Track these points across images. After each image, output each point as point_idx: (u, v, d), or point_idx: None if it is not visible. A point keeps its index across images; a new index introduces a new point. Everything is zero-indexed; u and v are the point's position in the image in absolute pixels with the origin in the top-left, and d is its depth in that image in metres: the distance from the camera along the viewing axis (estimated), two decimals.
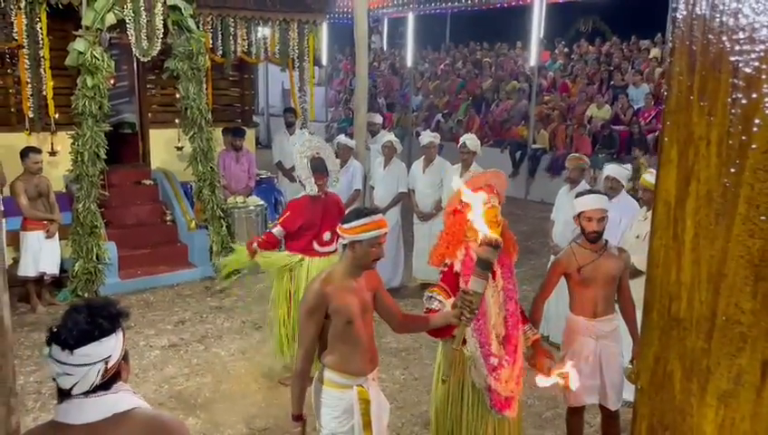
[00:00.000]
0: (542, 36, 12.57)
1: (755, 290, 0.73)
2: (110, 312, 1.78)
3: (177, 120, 8.03)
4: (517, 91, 13.76)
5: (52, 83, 7.01)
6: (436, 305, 3.21)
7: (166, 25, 6.91)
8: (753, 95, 0.72)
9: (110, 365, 1.74)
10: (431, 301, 3.25)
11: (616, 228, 4.80)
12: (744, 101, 0.72)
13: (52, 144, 7.25)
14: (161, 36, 6.88)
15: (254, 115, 10.12)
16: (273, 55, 8.77)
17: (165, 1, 6.84)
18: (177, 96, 7.56)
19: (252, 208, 7.97)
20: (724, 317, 0.76)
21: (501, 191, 3.28)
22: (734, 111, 0.73)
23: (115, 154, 7.55)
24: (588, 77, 13.53)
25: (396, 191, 7.06)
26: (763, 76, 0.71)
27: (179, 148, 8.21)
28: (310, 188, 4.78)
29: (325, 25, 9.62)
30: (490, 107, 14.10)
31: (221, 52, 8.22)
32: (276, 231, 4.88)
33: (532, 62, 13.09)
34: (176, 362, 5.49)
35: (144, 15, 6.72)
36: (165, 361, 5.50)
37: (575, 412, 3.94)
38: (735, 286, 0.75)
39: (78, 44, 6.45)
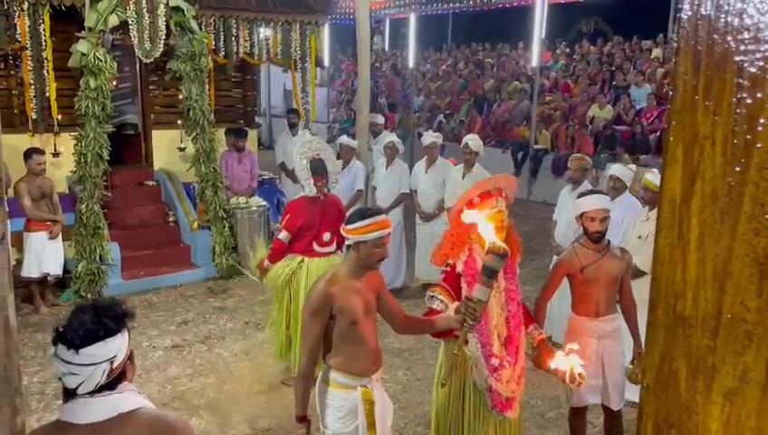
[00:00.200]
0: (543, 37, 12.54)
1: (761, 288, 0.74)
2: (116, 312, 1.79)
3: (179, 121, 8.05)
4: (519, 91, 13.74)
5: (55, 85, 7.02)
6: (437, 305, 3.21)
7: (168, 27, 6.93)
8: (758, 95, 0.72)
9: (115, 365, 1.75)
10: (433, 301, 3.25)
11: (618, 228, 4.79)
12: (749, 101, 0.73)
13: (55, 145, 7.26)
14: (164, 37, 6.89)
15: (256, 116, 10.12)
16: (276, 56, 8.77)
17: (167, 2, 6.86)
18: (180, 97, 7.57)
19: (254, 209, 7.97)
20: (729, 315, 0.76)
21: (510, 194, 3.29)
22: (738, 110, 0.74)
23: (118, 155, 7.56)
24: (590, 77, 13.51)
25: (398, 192, 7.06)
26: None
27: (182, 149, 8.22)
28: (308, 190, 4.80)
29: (327, 26, 9.62)
30: (492, 107, 14.09)
31: (223, 53, 8.22)
32: (282, 236, 4.89)
33: (533, 62, 13.06)
34: (179, 362, 5.51)
35: (147, 17, 6.73)
36: (168, 361, 5.51)
37: (578, 412, 3.94)
38: (741, 285, 0.75)
39: (81, 46, 6.46)
